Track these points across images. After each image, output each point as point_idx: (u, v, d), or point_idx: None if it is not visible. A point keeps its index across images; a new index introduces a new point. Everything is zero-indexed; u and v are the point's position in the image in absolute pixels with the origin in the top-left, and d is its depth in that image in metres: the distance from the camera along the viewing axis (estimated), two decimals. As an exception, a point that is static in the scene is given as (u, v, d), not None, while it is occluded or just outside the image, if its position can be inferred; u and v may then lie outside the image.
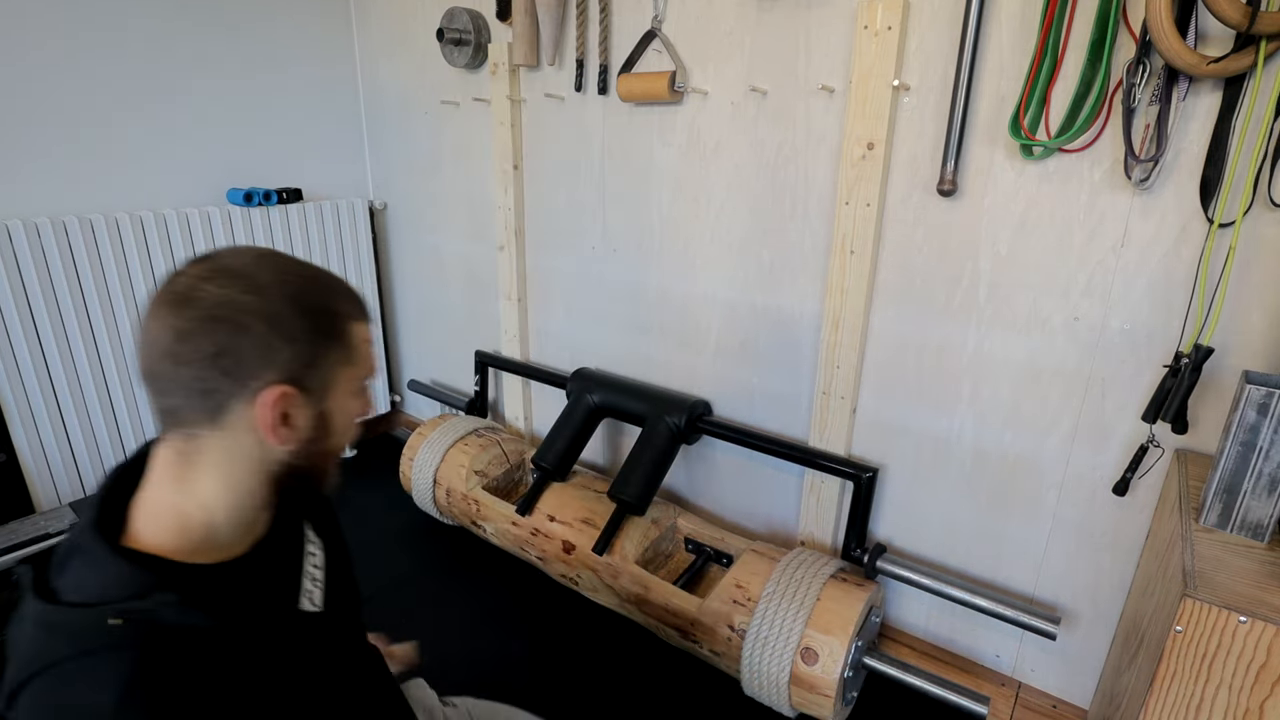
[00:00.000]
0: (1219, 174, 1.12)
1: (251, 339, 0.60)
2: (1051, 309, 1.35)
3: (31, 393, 1.87)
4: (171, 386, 0.61)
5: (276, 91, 2.29)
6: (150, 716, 0.54)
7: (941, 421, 1.54)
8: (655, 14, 1.69)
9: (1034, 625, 1.39)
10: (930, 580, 1.51)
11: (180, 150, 2.11)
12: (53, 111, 1.85)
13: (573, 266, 2.10)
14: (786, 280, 1.67)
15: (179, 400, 0.61)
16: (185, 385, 0.60)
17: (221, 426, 0.62)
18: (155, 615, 0.57)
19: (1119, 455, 1.35)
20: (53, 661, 0.55)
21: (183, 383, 0.60)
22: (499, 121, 2.08)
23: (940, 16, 1.33)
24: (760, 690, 1.46)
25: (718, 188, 1.72)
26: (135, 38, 1.96)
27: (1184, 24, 1.08)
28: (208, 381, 0.60)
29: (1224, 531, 0.99)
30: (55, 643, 0.55)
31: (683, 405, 1.79)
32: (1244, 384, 0.94)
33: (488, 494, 2.01)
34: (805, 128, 1.55)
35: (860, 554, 1.59)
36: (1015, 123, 1.26)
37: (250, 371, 0.61)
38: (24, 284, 1.81)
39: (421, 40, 2.25)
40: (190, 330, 0.59)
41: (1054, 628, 1.37)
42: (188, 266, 0.63)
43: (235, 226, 2.16)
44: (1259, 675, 0.84)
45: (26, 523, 1.80)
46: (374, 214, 2.57)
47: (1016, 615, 1.41)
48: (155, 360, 0.60)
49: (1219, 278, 1.15)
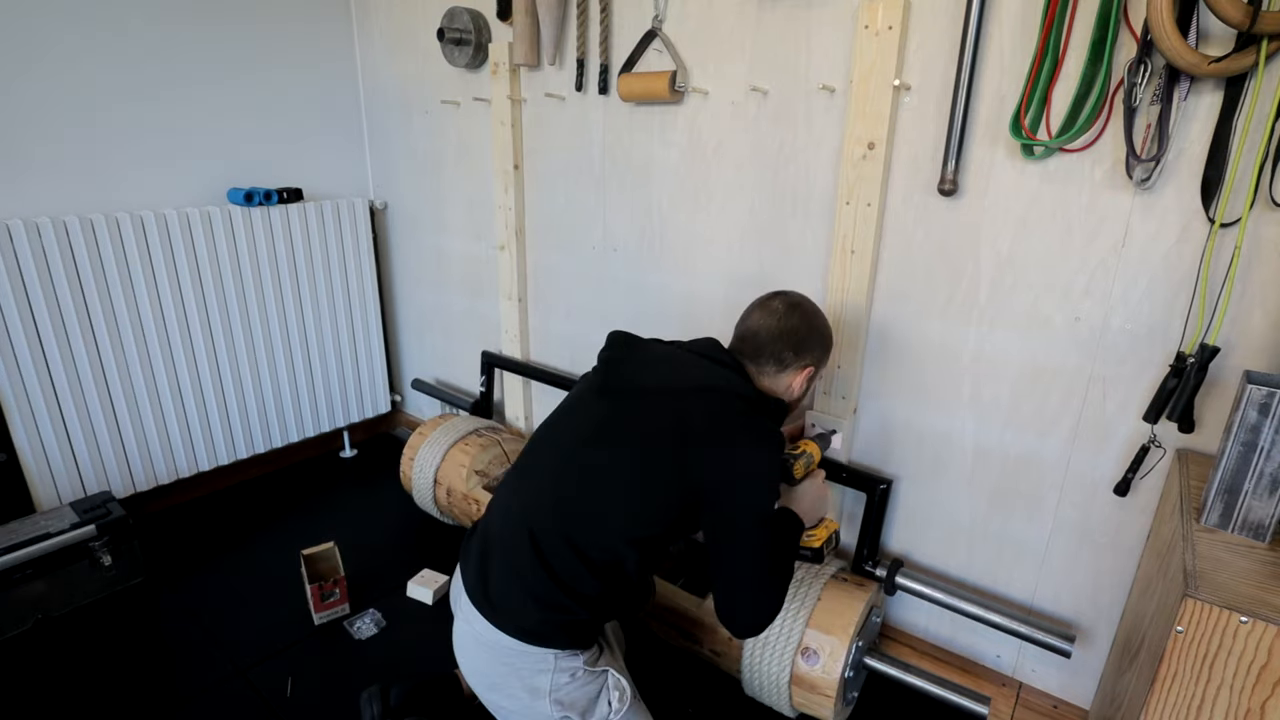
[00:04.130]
0: (1220, 174, 1.12)
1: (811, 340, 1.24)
2: (1052, 309, 1.35)
3: (32, 392, 1.88)
4: (765, 344, 1.22)
5: (277, 91, 2.29)
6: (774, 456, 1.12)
7: (942, 422, 1.54)
8: (656, 14, 1.69)
9: (1050, 643, 1.39)
10: (946, 596, 1.51)
11: (181, 150, 2.11)
12: (53, 112, 1.85)
13: (573, 266, 2.10)
14: (787, 280, 1.67)
15: (766, 352, 1.22)
16: (774, 346, 1.22)
17: (781, 374, 1.23)
18: None
19: (1120, 455, 1.35)
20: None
21: (773, 344, 1.22)
22: (499, 121, 2.08)
23: (941, 16, 1.33)
24: (761, 690, 1.46)
25: (718, 187, 1.72)
26: (136, 38, 1.96)
27: (1185, 23, 1.08)
28: (784, 350, 1.22)
29: (1225, 532, 0.99)
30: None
31: None
32: (1245, 384, 0.94)
33: (488, 494, 2.01)
34: (806, 127, 1.55)
35: (873, 567, 1.58)
36: (1016, 122, 1.26)
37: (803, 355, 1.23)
38: (25, 284, 1.81)
39: (422, 40, 2.25)
40: (790, 326, 1.22)
41: (1069, 645, 1.37)
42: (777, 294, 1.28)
43: (236, 226, 2.16)
44: (1260, 675, 0.84)
45: (26, 523, 1.80)
46: (374, 214, 2.57)
47: (1033, 633, 1.41)
48: (761, 330, 1.22)
49: (1223, 278, 1.15)
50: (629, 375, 1.20)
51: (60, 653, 1.67)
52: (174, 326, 2.10)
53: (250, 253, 2.22)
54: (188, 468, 2.23)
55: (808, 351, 1.23)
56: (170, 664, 1.64)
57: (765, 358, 1.21)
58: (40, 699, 1.54)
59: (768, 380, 1.23)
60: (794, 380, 1.23)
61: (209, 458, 2.27)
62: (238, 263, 2.20)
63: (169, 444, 2.17)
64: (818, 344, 1.24)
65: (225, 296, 2.19)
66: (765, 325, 1.21)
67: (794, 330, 1.21)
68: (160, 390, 2.12)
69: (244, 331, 2.26)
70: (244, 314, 2.25)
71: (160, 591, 1.88)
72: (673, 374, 1.17)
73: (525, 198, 2.15)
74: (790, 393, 1.24)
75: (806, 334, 1.22)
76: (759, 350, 1.22)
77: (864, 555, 1.60)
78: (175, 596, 1.86)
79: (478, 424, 2.23)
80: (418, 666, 1.64)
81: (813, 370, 1.25)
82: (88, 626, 1.76)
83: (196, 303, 2.13)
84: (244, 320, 2.25)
